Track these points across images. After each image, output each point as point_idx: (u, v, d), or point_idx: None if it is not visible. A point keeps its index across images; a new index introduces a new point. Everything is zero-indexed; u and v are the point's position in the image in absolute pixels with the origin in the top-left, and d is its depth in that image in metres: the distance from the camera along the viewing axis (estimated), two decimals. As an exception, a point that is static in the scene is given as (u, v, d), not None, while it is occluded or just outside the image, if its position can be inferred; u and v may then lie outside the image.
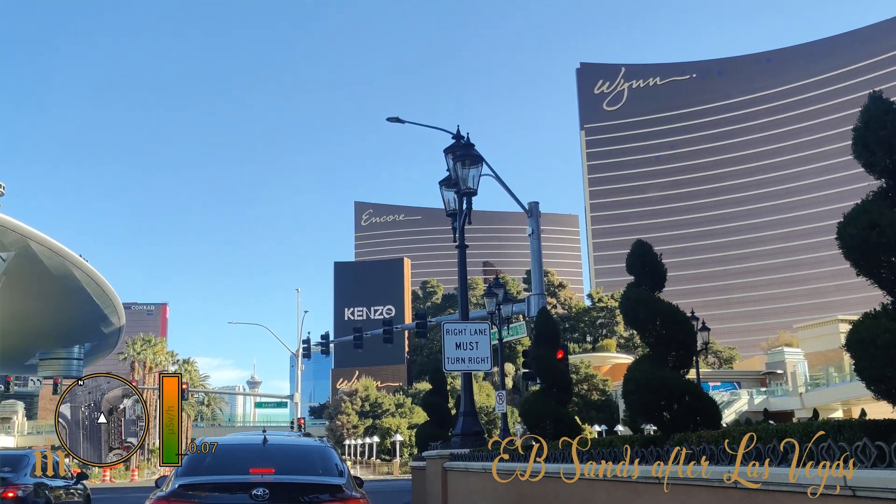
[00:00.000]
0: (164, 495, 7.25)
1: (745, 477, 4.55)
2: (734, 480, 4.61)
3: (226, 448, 8.87)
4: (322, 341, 46.36)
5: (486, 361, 13.70)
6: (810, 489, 4.10)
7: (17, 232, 72.19)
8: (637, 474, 5.86)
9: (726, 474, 4.76)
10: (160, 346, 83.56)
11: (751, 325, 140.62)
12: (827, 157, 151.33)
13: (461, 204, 14.86)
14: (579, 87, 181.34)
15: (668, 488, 5.41)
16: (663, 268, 7.11)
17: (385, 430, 79.15)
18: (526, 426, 10.34)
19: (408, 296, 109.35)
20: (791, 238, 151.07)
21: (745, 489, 4.62)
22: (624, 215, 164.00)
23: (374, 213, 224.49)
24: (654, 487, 5.77)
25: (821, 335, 71.22)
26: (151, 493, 7.53)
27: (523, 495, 8.52)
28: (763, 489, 4.47)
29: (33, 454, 14.38)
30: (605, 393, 78.93)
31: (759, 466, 4.48)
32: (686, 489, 5.41)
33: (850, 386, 57.79)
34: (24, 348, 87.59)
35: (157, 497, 7.28)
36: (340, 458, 8.79)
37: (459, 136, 14.77)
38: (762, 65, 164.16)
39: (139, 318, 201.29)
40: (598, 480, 6.67)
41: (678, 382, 6.40)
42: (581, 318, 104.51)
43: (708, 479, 4.97)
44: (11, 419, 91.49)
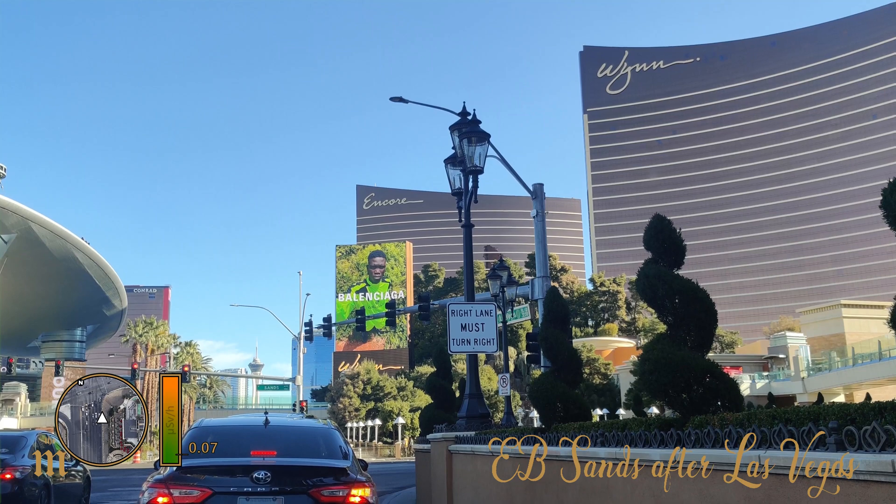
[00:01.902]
0: (161, 478, 7.00)
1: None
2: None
3: (227, 430, 8.63)
4: (324, 324, 46.16)
5: (491, 343, 13.44)
6: (851, 474, 3.86)
7: (18, 214, 72.18)
8: (659, 458, 5.60)
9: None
10: (162, 329, 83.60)
11: (752, 310, 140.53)
12: (829, 142, 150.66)
13: (467, 182, 14.53)
14: (582, 71, 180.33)
15: (706, 473, 5.11)
16: (682, 243, 6.81)
17: (387, 413, 79.26)
18: (535, 408, 10.10)
19: (410, 279, 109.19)
20: (793, 223, 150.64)
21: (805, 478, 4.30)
22: (626, 199, 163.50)
23: (376, 196, 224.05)
24: (673, 472, 5.51)
25: (823, 320, 71.01)
26: (150, 476, 7.29)
27: (532, 479, 8.28)
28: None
29: (32, 435, 14.16)
30: (607, 377, 78.94)
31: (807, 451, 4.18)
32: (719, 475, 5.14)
33: (852, 370, 57.69)
34: (26, 330, 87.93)
35: (156, 480, 7.04)
36: (345, 440, 8.54)
37: (465, 113, 14.42)
38: (766, 48, 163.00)
39: (141, 300, 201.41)
40: (612, 463, 6.40)
41: (699, 362, 6.12)
42: (583, 302, 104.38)
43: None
44: (14, 401, 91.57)
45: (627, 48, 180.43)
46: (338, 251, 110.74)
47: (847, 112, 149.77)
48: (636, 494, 6.10)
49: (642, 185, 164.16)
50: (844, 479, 3.88)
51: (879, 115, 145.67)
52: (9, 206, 69.60)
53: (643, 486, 5.98)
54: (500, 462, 9.63)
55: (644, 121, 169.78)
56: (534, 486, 8.34)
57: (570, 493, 7.45)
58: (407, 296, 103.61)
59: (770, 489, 4.50)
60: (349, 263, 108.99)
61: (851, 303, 73.87)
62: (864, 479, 3.78)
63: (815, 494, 4.12)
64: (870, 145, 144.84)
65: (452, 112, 16.07)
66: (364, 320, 46.37)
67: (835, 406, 4.61)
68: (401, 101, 24.51)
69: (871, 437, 3.78)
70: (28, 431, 15.34)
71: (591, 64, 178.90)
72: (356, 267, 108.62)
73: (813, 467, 4.09)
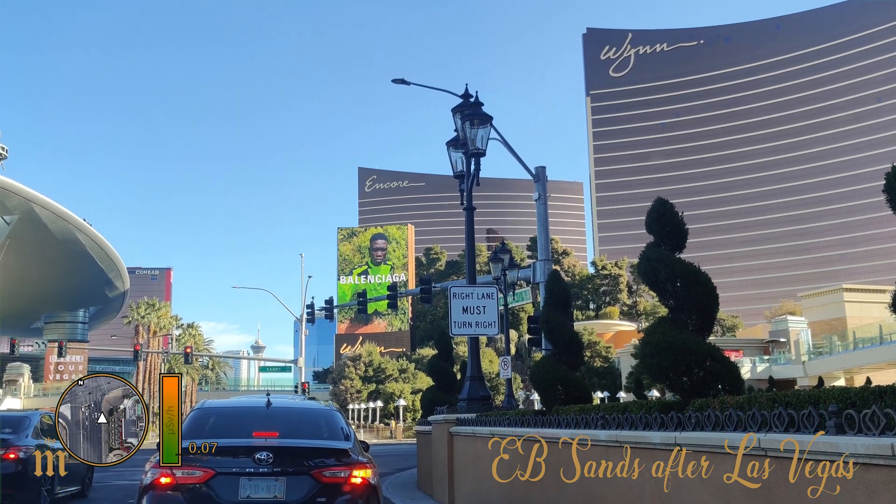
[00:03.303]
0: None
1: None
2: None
3: (229, 411, 8.66)
4: (326, 306, 46.27)
5: (493, 326, 13.47)
6: (843, 457, 3.88)
7: (20, 195, 72.15)
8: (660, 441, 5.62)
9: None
10: (164, 311, 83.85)
11: (754, 294, 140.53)
12: (834, 125, 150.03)
13: (469, 165, 14.50)
14: (585, 53, 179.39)
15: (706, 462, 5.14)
16: (685, 227, 6.81)
17: (388, 395, 79.59)
18: (536, 390, 10.13)
19: (411, 262, 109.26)
20: (795, 207, 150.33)
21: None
22: (629, 182, 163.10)
23: (378, 179, 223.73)
24: (675, 455, 5.54)
25: (824, 304, 71.12)
26: (152, 456, 7.32)
27: (534, 462, 8.32)
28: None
29: (35, 416, 14.22)
30: (608, 360, 79.16)
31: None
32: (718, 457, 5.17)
33: (853, 354, 57.82)
34: (29, 312, 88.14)
35: (157, 460, 7.06)
36: (346, 421, 8.57)
37: (468, 95, 14.36)
38: (771, 31, 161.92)
39: (143, 282, 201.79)
40: (615, 447, 6.43)
41: (700, 346, 6.14)
42: (584, 285, 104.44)
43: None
44: (18, 381, 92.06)
45: (631, 30, 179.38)
46: (339, 234, 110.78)
47: (852, 95, 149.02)
48: (635, 490, 6.13)
49: (645, 169, 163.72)
50: (844, 462, 3.90)
51: (884, 99, 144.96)
52: (10, 188, 69.55)
53: (646, 468, 6.02)
54: (499, 443, 9.67)
55: (647, 104, 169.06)
56: (536, 468, 8.38)
57: (569, 491, 7.48)
58: (409, 278, 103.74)
59: (771, 475, 4.53)
60: (351, 246, 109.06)
61: (853, 287, 73.94)
62: (864, 462, 3.80)
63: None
64: (874, 129, 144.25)
65: (455, 94, 16.02)
66: (366, 303, 46.52)
67: (835, 390, 4.62)
68: (403, 83, 24.42)
69: (870, 420, 3.80)
70: (31, 412, 15.40)
71: (594, 46, 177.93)
72: (358, 249, 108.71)
73: (813, 450, 4.11)
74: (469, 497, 11.93)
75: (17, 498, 12.30)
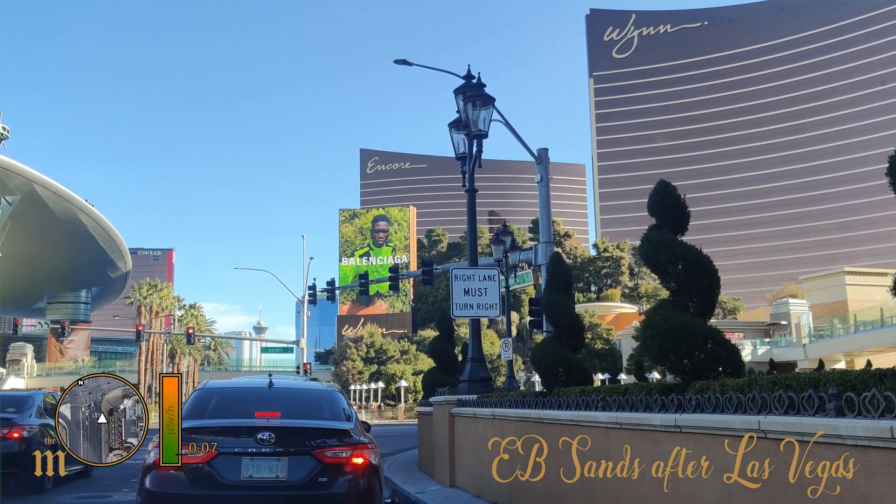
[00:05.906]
0: (167, 438, 7.06)
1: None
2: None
3: (231, 391, 8.70)
4: (327, 288, 46.32)
5: (494, 308, 13.49)
6: (849, 439, 3.89)
7: (22, 175, 72.09)
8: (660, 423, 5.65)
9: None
10: (166, 291, 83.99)
11: (755, 277, 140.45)
12: (836, 107, 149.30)
13: (471, 147, 14.45)
14: (588, 35, 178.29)
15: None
16: (687, 210, 6.80)
17: (390, 376, 79.89)
18: (537, 372, 10.16)
19: (413, 244, 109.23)
20: (798, 189, 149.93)
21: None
22: (631, 165, 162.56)
23: (380, 160, 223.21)
24: (676, 436, 5.56)
25: (826, 287, 71.15)
26: (154, 437, 7.36)
27: (534, 443, 8.36)
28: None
29: (39, 395, 14.27)
30: (609, 342, 79.33)
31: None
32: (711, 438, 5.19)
33: (854, 337, 57.92)
34: (31, 292, 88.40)
35: (159, 441, 7.10)
36: (348, 402, 8.60)
37: (470, 76, 14.28)
38: (775, 13, 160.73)
39: (145, 263, 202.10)
40: (615, 429, 6.46)
41: (701, 328, 6.15)
42: (586, 267, 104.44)
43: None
44: (21, 361, 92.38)
45: (634, 11, 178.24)
46: (341, 215, 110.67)
47: (856, 78, 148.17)
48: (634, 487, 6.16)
49: (648, 151, 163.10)
50: (843, 444, 3.91)
51: (888, 81, 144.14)
52: (12, 168, 69.53)
53: (646, 449, 6.05)
54: (500, 424, 9.70)
55: (650, 85, 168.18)
56: (537, 449, 8.41)
57: (570, 490, 7.49)
58: (410, 260, 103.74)
59: (770, 459, 4.56)
60: (353, 227, 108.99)
61: (854, 270, 73.92)
62: (863, 444, 3.82)
63: (810, 455, 4.17)
64: (877, 111, 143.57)
65: (457, 75, 15.91)
66: (367, 284, 46.57)
67: (835, 372, 4.64)
68: (405, 63, 24.26)
69: (870, 403, 3.81)
70: (35, 392, 15.47)
71: (597, 27, 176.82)
72: (360, 231, 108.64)
73: (812, 433, 4.13)
74: (470, 477, 12.02)
75: (21, 476, 12.36)
